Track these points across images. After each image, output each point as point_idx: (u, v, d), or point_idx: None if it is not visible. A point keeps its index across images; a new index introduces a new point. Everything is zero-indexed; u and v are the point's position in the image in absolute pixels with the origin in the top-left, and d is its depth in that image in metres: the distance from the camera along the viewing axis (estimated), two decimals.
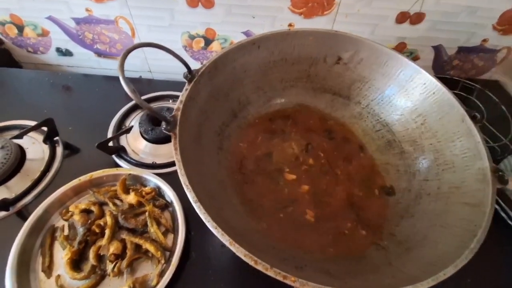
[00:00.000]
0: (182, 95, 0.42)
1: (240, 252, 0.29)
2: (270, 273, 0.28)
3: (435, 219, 0.42)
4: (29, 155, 0.57)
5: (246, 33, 0.69)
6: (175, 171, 0.57)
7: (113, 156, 0.57)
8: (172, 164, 0.57)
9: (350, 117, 0.59)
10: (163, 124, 0.38)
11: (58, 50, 0.76)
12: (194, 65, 0.76)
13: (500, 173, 0.39)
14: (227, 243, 0.30)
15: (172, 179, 0.54)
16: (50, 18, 0.69)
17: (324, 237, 0.45)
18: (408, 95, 0.52)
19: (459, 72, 0.78)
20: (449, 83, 0.71)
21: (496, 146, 0.62)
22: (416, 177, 0.50)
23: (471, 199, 0.40)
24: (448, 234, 0.39)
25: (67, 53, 0.77)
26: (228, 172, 0.49)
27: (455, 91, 0.71)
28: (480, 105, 0.68)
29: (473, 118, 0.44)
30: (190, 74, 0.44)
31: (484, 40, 0.70)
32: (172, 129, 0.38)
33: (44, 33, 0.73)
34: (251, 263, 0.29)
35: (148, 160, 0.58)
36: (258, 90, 0.56)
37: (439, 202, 0.44)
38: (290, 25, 0.67)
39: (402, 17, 0.65)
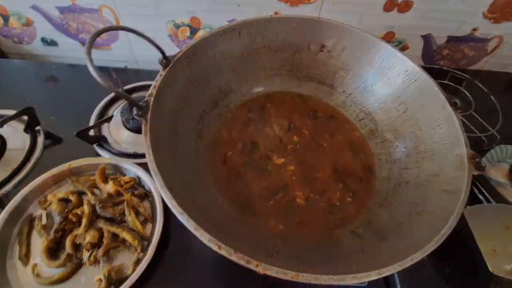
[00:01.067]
0: (156, 80, 0.41)
1: (204, 237, 0.29)
2: (234, 258, 0.28)
3: (412, 207, 0.42)
4: (9, 144, 0.56)
5: (232, 22, 0.68)
6: None
7: (94, 145, 0.57)
8: None
9: (335, 106, 0.58)
10: (135, 110, 0.37)
11: (43, 40, 0.75)
12: None
13: (477, 159, 0.39)
14: (191, 229, 0.30)
15: None
16: (33, 7, 0.68)
17: (315, 218, 0.45)
18: (391, 82, 0.51)
19: (449, 62, 0.76)
20: (438, 73, 0.71)
21: (483, 137, 0.61)
22: (397, 166, 0.49)
23: (449, 186, 0.39)
24: (424, 221, 0.38)
25: (52, 43, 0.76)
26: (208, 160, 0.49)
27: (444, 81, 0.70)
28: (469, 95, 0.67)
29: (453, 104, 0.43)
30: (166, 59, 0.43)
31: (475, 29, 0.68)
32: (144, 115, 0.37)
33: (28, 23, 0.72)
34: (215, 248, 0.28)
35: (130, 149, 0.57)
36: (240, 78, 0.55)
37: (418, 190, 0.44)
38: (276, 13, 0.66)
39: (390, 5, 0.63)
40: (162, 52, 0.42)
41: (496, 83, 0.75)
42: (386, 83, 0.52)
